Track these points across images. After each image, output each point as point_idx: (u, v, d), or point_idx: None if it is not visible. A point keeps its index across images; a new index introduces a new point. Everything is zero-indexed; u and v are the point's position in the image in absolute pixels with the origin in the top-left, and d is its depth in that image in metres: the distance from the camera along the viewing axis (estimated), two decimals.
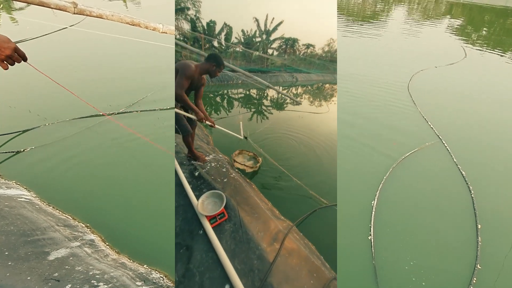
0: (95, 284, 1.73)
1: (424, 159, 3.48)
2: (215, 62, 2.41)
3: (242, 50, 16.26)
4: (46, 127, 3.65)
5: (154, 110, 4.17)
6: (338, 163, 3.30)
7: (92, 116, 3.86)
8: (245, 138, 3.40)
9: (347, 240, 2.39)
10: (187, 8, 13.35)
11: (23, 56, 1.27)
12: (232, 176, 2.54)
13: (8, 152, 3.16)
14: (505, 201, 2.95)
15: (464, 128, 4.28)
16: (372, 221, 2.56)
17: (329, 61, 20.47)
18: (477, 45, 9.33)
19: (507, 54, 8.34)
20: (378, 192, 2.88)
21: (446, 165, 3.42)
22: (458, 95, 5.38)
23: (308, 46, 20.26)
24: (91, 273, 1.82)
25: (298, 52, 19.92)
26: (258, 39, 17.57)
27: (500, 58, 7.89)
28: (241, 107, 6.76)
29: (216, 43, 15.62)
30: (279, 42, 18.57)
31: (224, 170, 2.64)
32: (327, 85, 15.30)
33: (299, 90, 12.32)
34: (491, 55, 8.19)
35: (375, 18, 13.34)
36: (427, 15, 15.23)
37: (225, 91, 9.12)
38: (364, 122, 4.25)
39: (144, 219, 2.48)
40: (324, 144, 4.24)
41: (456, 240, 2.50)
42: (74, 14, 2.03)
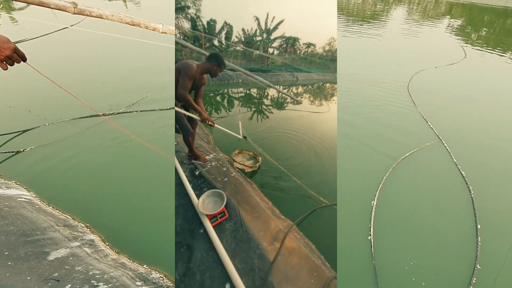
0: (95, 284, 1.73)
1: (424, 159, 3.48)
2: (216, 62, 2.40)
3: (243, 49, 16.19)
4: (46, 127, 3.65)
5: (154, 110, 4.18)
6: (338, 163, 3.30)
7: (92, 116, 3.86)
8: (244, 137, 3.40)
9: (347, 240, 2.39)
10: (188, 7, 13.29)
11: (22, 56, 1.27)
12: (232, 175, 2.54)
13: (8, 152, 3.16)
14: (505, 201, 2.95)
15: (464, 128, 4.28)
16: (372, 221, 2.56)
17: (330, 60, 20.30)
18: (477, 45, 9.33)
19: (507, 54, 8.34)
20: (378, 192, 2.88)
21: (446, 165, 3.42)
22: (458, 95, 5.39)
23: (308, 45, 20.09)
24: (91, 273, 1.82)
25: (298, 51, 19.77)
26: (259, 38, 17.45)
27: (500, 59, 7.89)
28: (241, 106, 6.76)
29: (216, 42, 15.56)
30: (280, 41, 18.45)
31: (224, 169, 2.64)
32: (328, 84, 15.29)
33: (300, 90, 12.31)
34: (491, 55, 8.19)
35: (375, 18, 13.34)
36: (427, 15, 15.23)
37: (225, 90, 9.11)
38: (364, 122, 4.25)
39: (144, 219, 2.48)
40: (325, 144, 4.24)
41: (456, 240, 2.50)
42: (74, 14, 2.03)
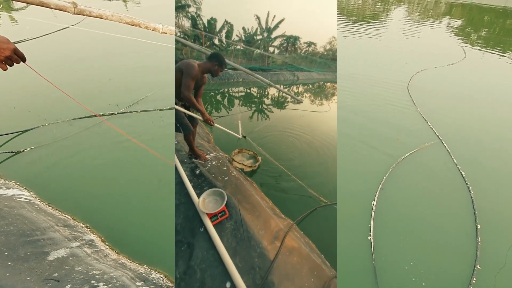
0: (95, 284, 1.73)
1: (424, 159, 3.48)
2: (217, 61, 2.40)
3: (243, 48, 16.14)
4: (46, 127, 3.65)
5: (154, 110, 4.18)
6: (338, 163, 3.30)
7: (91, 117, 3.86)
8: (243, 137, 3.39)
9: (347, 240, 2.39)
10: (188, 6, 13.25)
11: (22, 57, 1.27)
12: (233, 174, 2.54)
13: (8, 152, 3.16)
14: (504, 201, 2.95)
15: (464, 128, 4.28)
16: (372, 221, 2.56)
17: (330, 59, 20.22)
18: (476, 45, 9.34)
19: (507, 54, 8.35)
20: (377, 192, 2.88)
21: (446, 165, 3.42)
22: (458, 96, 5.39)
23: (309, 44, 20.02)
24: (90, 273, 1.82)
25: (299, 50, 19.72)
26: (259, 36, 17.39)
27: (499, 59, 7.89)
28: (241, 105, 6.76)
29: (217, 41, 15.51)
30: (280, 40, 18.40)
31: (225, 169, 2.64)
32: (329, 83, 15.28)
33: (300, 89, 12.30)
34: (491, 55, 8.19)
35: (375, 18, 13.35)
36: (427, 15, 15.24)
37: (225, 90, 9.11)
38: (364, 122, 4.25)
39: (144, 219, 2.48)
40: (325, 143, 4.24)
41: (456, 240, 2.50)
42: (74, 14, 2.03)
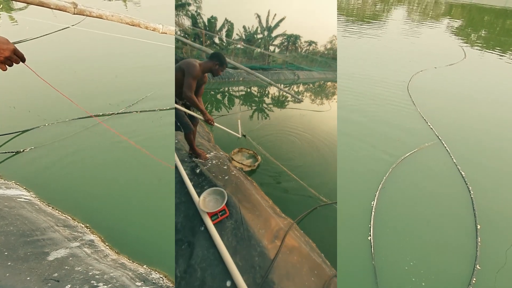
0: (95, 284, 1.73)
1: (424, 160, 3.48)
2: (218, 61, 2.40)
3: (243, 46, 16.09)
4: (45, 127, 3.65)
5: (154, 110, 4.18)
6: (338, 163, 3.30)
7: (91, 117, 3.86)
8: (243, 136, 3.39)
9: (347, 240, 2.39)
10: (188, 4, 13.21)
11: (21, 57, 1.26)
12: (233, 173, 2.55)
13: (8, 152, 3.16)
14: (504, 201, 2.95)
15: (464, 128, 4.28)
16: (371, 221, 2.57)
17: (331, 58, 20.11)
18: (476, 45, 9.34)
19: (507, 54, 8.35)
20: (377, 193, 2.88)
21: (446, 165, 3.42)
22: (458, 96, 5.39)
23: (310, 43, 19.90)
24: (90, 273, 1.82)
25: (300, 49, 19.63)
26: (260, 35, 17.31)
27: (499, 59, 7.90)
28: (241, 105, 6.75)
29: (217, 40, 15.47)
30: (281, 38, 18.31)
31: (225, 168, 2.64)
32: (329, 83, 15.27)
33: (301, 88, 12.29)
34: (491, 55, 8.20)
35: (375, 18, 13.35)
36: (427, 15, 15.25)
37: (225, 89, 9.11)
38: (364, 122, 4.25)
39: (144, 219, 2.48)
40: (326, 143, 4.24)
41: (456, 240, 2.50)
42: (74, 15, 2.03)
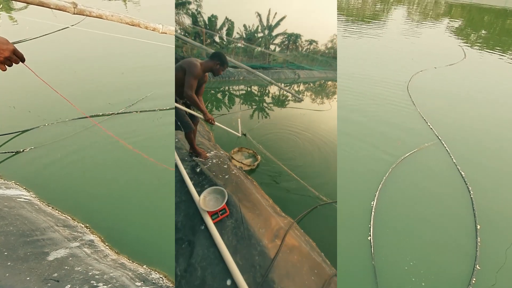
0: (95, 284, 1.73)
1: (424, 160, 3.48)
2: (219, 61, 2.40)
3: (244, 45, 16.05)
4: (45, 127, 3.64)
5: (154, 110, 4.18)
6: (338, 162, 3.30)
7: (92, 116, 3.86)
8: (243, 135, 3.39)
9: (347, 240, 2.39)
10: (188, 3, 13.18)
11: (21, 57, 1.26)
12: (233, 172, 2.55)
13: (8, 152, 3.16)
14: (504, 201, 2.95)
15: (464, 128, 4.28)
16: (371, 221, 2.57)
17: (332, 57, 20.01)
18: (476, 46, 9.34)
19: (507, 54, 8.35)
20: (377, 193, 2.88)
21: (446, 165, 3.42)
22: (458, 96, 5.39)
23: (311, 42, 19.79)
24: (90, 273, 1.82)
25: (300, 48, 19.55)
26: (260, 34, 17.26)
27: (499, 59, 7.90)
28: (242, 104, 6.75)
29: (217, 38, 15.44)
30: (282, 37, 18.26)
31: (225, 167, 2.65)
32: (330, 82, 15.24)
33: (301, 87, 12.28)
34: (491, 55, 8.20)
35: (375, 18, 13.35)
36: (427, 15, 15.25)
37: (226, 88, 9.10)
38: (364, 122, 4.25)
39: (144, 220, 2.48)
40: (326, 142, 4.24)
41: (456, 240, 2.50)
42: (74, 14, 2.03)
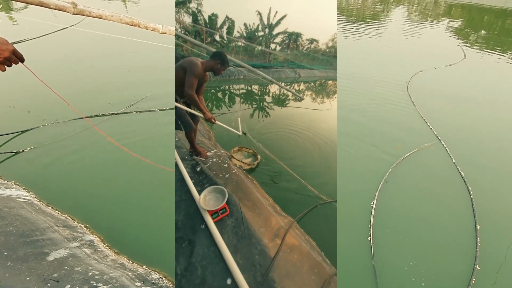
0: (94, 284, 1.73)
1: (423, 160, 3.48)
2: (220, 60, 2.40)
3: (244, 44, 16.02)
4: (45, 127, 3.64)
5: (154, 110, 4.18)
6: (338, 163, 3.30)
7: (91, 117, 3.86)
8: (244, 134, 3.39)
9: (346, 240, 2.39)
10: (189, 1, 13.15)
11: (20, 57, 1.26)
12: (233, 171, 2.55)
13: (8, 152, 3.16)
14: (504, 201, 2.95)
15: (463, 129, 4.28)
16: (371, 221, 2.57)
17: (333, 57, 19.96)
18: (476, 46, 9.34)
19: (506, 55, 8.35)
20: (377, 193, 2.88)
21: (445, 166, 3.42)
22: (457, 96, 5.39)
23: (311, 41, 19.75)
24: (90, 273, 1.82)
25: (301, 47, 19.51)
26: (261, 33, 17.24)
27: (499, 59, 7.90)
28: (242, 103, 6.74)
29: (218, 37, 15.40)
30: (282, 36, 18.24)
31: (225, 166, 2.65)
32: (330, 81, 15.24)
33: (302, 87, 12.27)
34: (490, 56, 8.20)
35: (375, 18, 13.36)
36: (426, 15, 15.25)
37: (226, 87, 9.09)
38: (363, 122, 4.25)
39: (144, 219, 2.48)
40: (326, 142, 4.24)
41: (455, 240, 2.51)
42: (74, 15, 2.03)
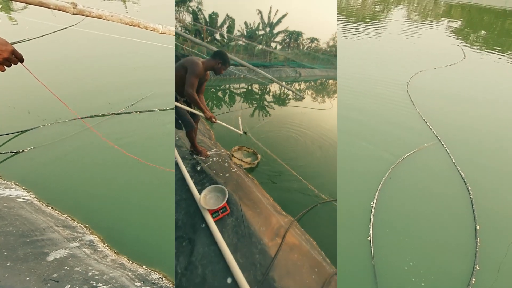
0: (94, 284, 1.73)
1: (423, 160, 3.48)
2: (221, 60, 2.40)
3: (245, 43, 15.98)
4: (45, 127, 3.64)
5: (154, 110, 4.18)
6: (338, 163, 3.30)
7: (91, 117, 3.86)
8: (244, 133, 3.39)
9: (346, 241, 2.39)
10: (189, 0, 13.13)
11: (20, 58, 1.26)
12: (234, 171, 2.55)
13: (7, 152, 3.16)
14: (504, 201, 2.95)
15: (463, 129, 4.28)
16: (371, 221, 2.57)
17: (333, 56, 19.87)
18: (476, 46, 9.35)
19: (506, 55, 8.36)
20: (377, 193, 2.88)
21: (445, 166, 3.42)
22: (457, 96, 5.39)
23: (312, 40, 19.67)
24: (90, 273, 1.82)
25: (302, 46, 19.44)
26: (261, 32, 17.18)
27: (499, 59, 7.90)
28: (242, 102, 6.74)
29: (218, 36, 15.35)
30: (283, 35, 18.18)
31: (226, 165, 2.65)
32: (331, 80, 15.23)
33: (302, 86, 12.26)
34: (490, 56, 8.20)
35: (375, 18, 13.36)
36: (426, 15, 15.26)
37: (226, 86, 9.08)
38: (363, 122, 4.25)
39: (144, 220, 2.48)
40: (326, 141, 4.24)
41: (455, 241, 2.51)
42: (74, 15, 2.03)
